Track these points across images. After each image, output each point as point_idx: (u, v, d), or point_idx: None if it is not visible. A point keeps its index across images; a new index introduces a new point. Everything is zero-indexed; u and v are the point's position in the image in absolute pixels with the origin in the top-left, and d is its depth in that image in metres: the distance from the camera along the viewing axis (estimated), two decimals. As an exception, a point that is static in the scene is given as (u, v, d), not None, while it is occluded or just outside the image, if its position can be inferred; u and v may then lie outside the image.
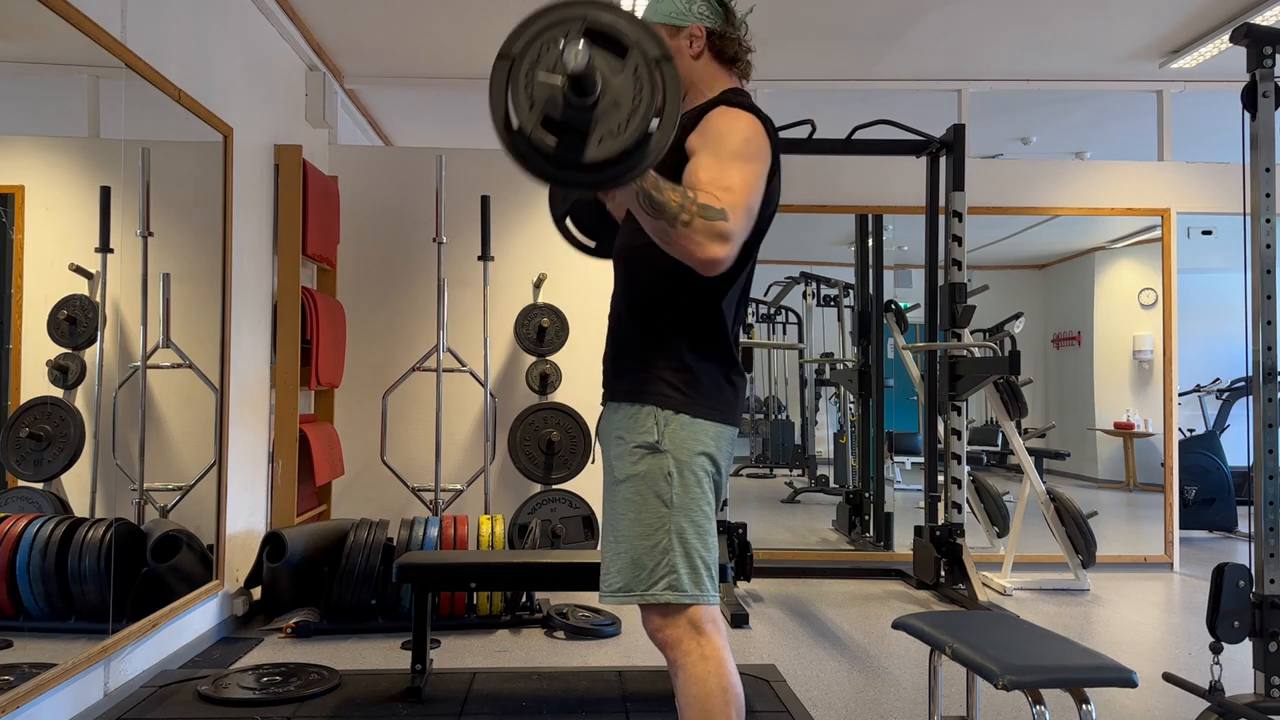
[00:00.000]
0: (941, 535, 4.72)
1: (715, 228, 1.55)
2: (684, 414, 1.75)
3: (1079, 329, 7.60)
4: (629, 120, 1.45)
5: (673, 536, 1.73)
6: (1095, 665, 2.00)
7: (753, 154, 1.69)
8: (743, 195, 1.62)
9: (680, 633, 1.74)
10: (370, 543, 3.89)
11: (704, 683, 1.70)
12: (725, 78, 1.89)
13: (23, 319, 2.68)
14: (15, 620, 2.77)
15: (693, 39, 1.87)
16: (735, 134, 1.70)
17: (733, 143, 1.69)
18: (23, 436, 2.72)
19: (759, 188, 1.68)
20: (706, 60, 1.88)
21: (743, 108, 1.75)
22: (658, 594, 1.74)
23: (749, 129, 1.72)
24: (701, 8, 1.88)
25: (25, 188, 2.71)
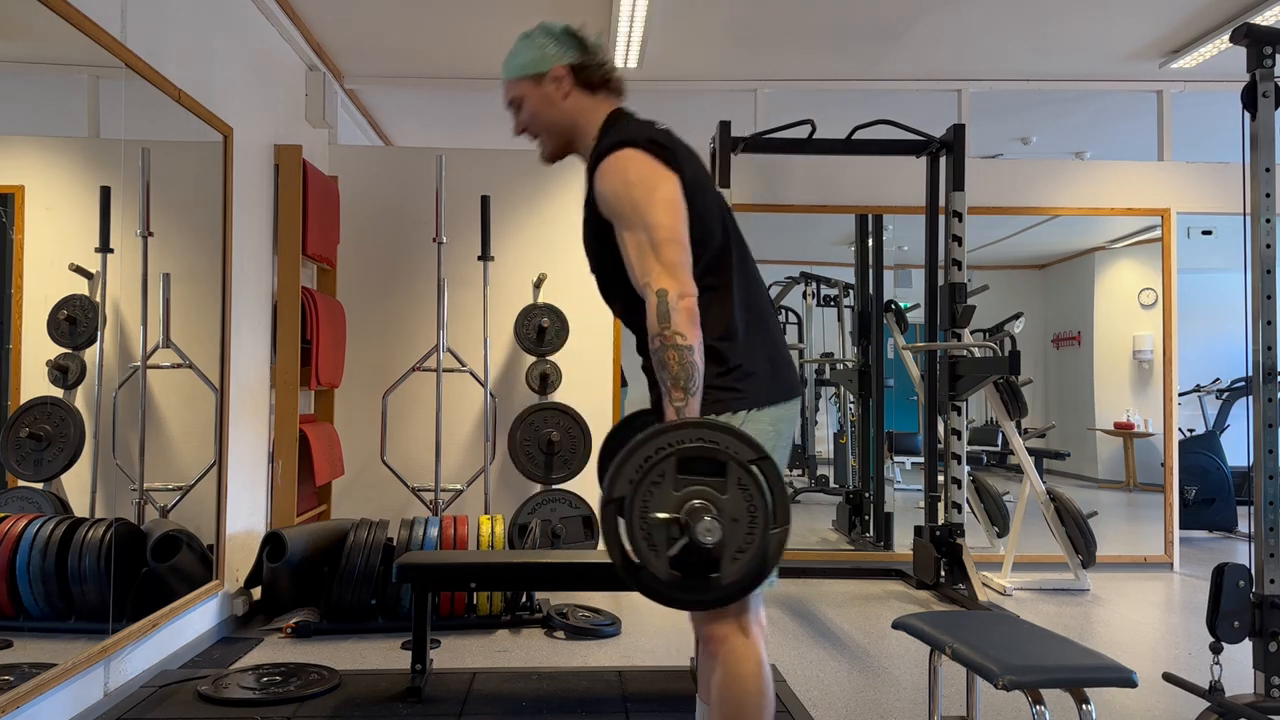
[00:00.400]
0: (941, 535, 4.72)
1: (679, 309, 1.63)
2: (740, 412, 1.77)
3: (1079, 329, 7.60)
4: (752, 532, 1.53)
5: None
6: (1095, 665, 2.00)
7: (651, 190, 1.71)
8: (671, 248, 1.66)
9: (728, 630, 1.75)
10: (370, 543, 3.89)
11: (745, 680, 1.73)
12: (600, 106, 1.91)
13: (23, 319, 2.68)
14: (15, 620, 2.77)
15: (558, 81, 1.89)
16: (628, 188, 1.72)
17: (632, 197, 1.71)
18: (23, 436, 2.72)
19: (672, 210, 1.71)
20: (577, 95, 1.90)
21: (617, 146, 1.76)
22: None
23: (634, 168, 1.73)
24: (555, 49, 1.90)
25: (25, 188, 2.72)
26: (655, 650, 3.72)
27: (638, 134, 1.80)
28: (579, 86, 1.90)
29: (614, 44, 4.96)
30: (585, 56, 1.91)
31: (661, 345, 1.64)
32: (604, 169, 1.77)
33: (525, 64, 1.92)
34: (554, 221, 5.40)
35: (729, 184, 4.78)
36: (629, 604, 4.40)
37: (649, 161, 1.74)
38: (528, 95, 1.92)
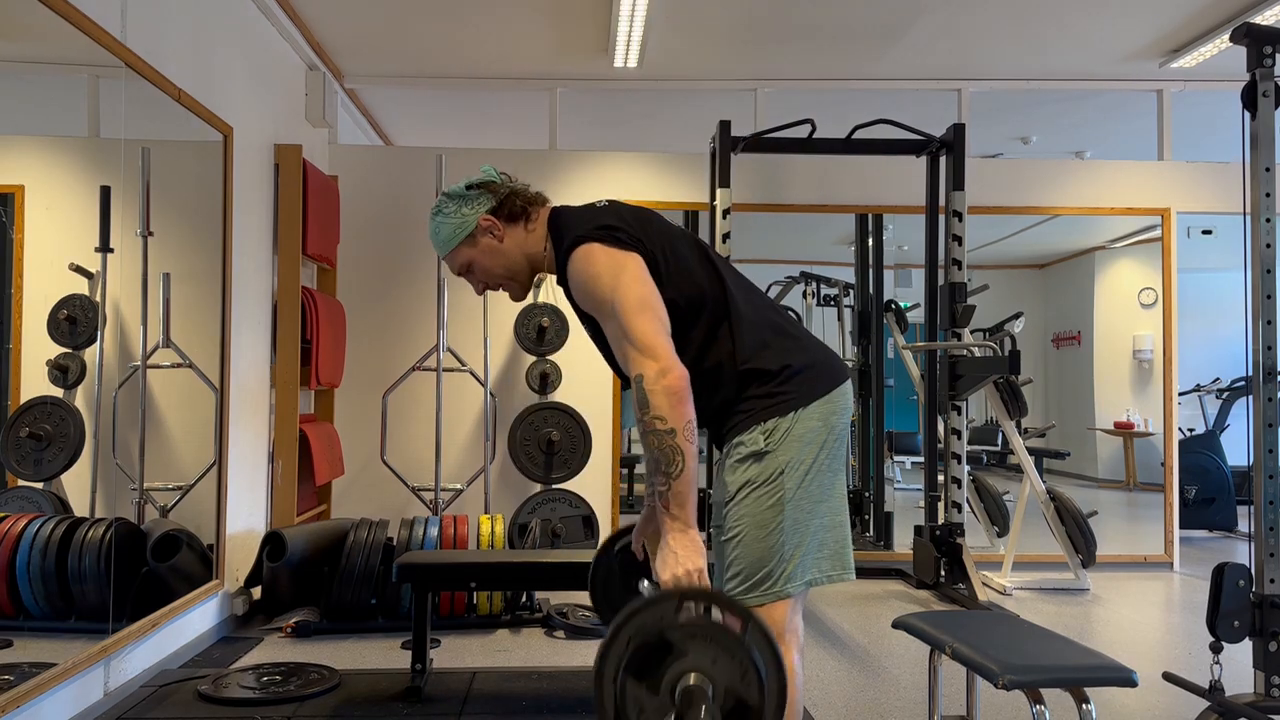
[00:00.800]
0: (941, 535, 4.72)
1: (657, 390, 1.65)
2: (788, 415, 1.81)
3: (1079, 329, 7.60)
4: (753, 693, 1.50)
5: (788, 532, 1.80)
6: (1095, 665, 2.00)
7: (615, 277, 1.75)
8: (642, 328, 1.69)
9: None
10: (370, 542, 3.89)
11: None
12: (535, 225, 1.94)
13: (23, 318, 2.68)
14: (15, 620, 2.77)
15: (491, 230, 1.92)
16: (593, 282, 1.76)
17: (599, 292, 1.76)
18: (23, 436, 2.72)
19: (644, 294, 1.74)
20: (511, 231, 1.93)
21: (572, 246, 1.80)
22: (778, 590, 1.80)
23: (592, 264, 1.77)
24: (469, 206, 1.92)
25: (25, 187, 2.72)
26: (655, 650, 3.71)
27: (585, 227, 1.83)
28: (507, 223, 1.93)
29: (614, 44, 4.96)
30: (496, 196, 1.93)
31: (643, 431, 1.67)
32: (570, 273, 1.81)
33: (451, 234, 1.94)
34: (554, 221, 5.39)
35: (729, 184, 4.77)
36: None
37: (603, 250, 1.77)
38: (472, 257, 1.95)
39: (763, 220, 5.62)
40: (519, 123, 6.52)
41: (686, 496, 1.68)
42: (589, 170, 5.45)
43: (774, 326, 1.90)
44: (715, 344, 1.84)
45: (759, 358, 1.85)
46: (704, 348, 1.84)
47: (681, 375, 1.67)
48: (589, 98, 5.90)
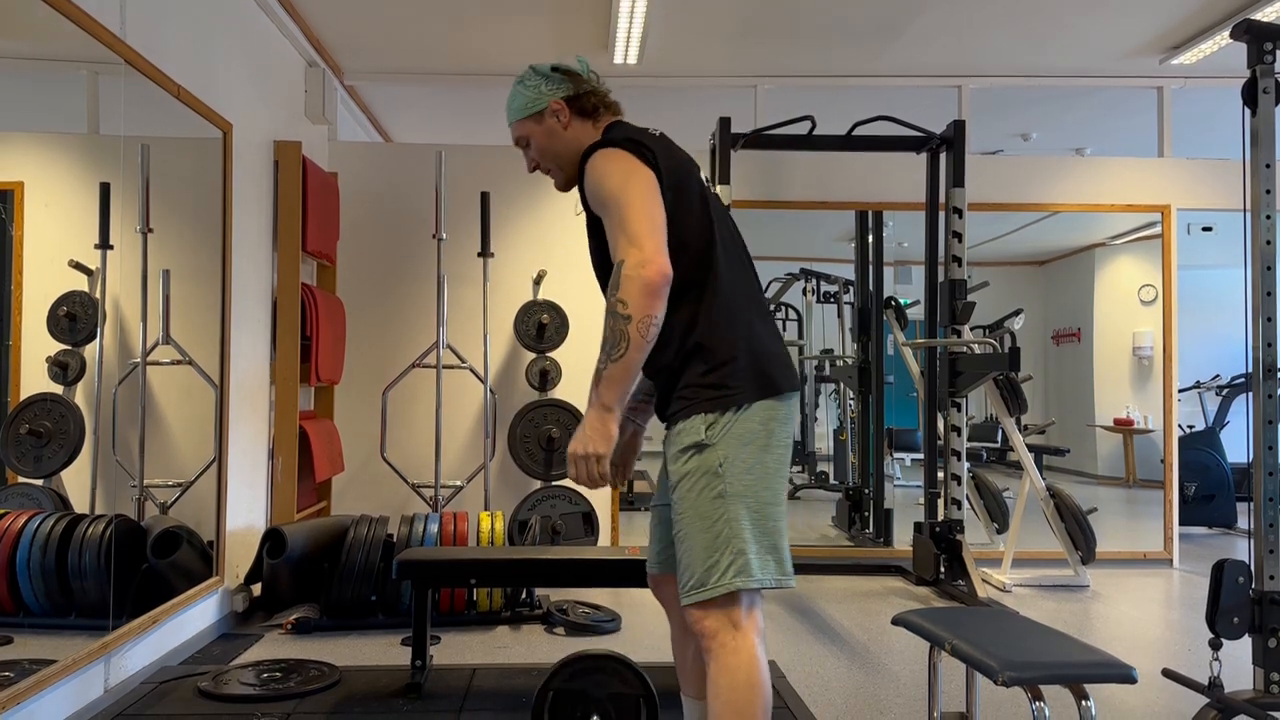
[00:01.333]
0: (941, 531, 4.73)
1: (631, 278, 1.71)
2: (730, 408, 1.82)
3: (1079, 325, 7.59)
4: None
5: (730, 525, 1.79)
6: (1095, 661, 2.01)
7: (625, 178, 1.81)
8: (637, 221, 1.76)
9: (718, 625, 1.79)
10: (370, 539, 3.89)
11: (736, 674, 1.76)
12: (596, 128, 2.04)
13: (22, 315, 2.68)
14: (15, 616, 2.77)
15: (557, 114, 2.02)
16: (604, 178, 1.83)
17: (608, 186, 1.82)
18: (23, 433, 2.72)
19: (648, 198, 1.80)
20: (577, 124, 2.03)
21: (599, 146, 1.89)
22: (728, 582, 1.78)
23: (610, 163, 1.84)
24: (550, 86, 2.03)
25: (25, 184, 2.71)
26: (655, 647, 3.72)
27: (618, 135, 1.92)
28: (576, 115, 2.03)
29: (614, 41, 4.95)
30: (576, 87, 2.03)
31: (607, 310, 1.74)
32: (587, 167, 1.88)
33: (524, 105, 2.04)
34: (554, 218, 5.40)
35: (729, 180, 4.77)
36: (629, 600, 4.40)
37: (624, 156, 1.85)
38: (533, 133, 2.04)
39: (763, 217, 5.62)
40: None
41: (617, 382, 1.73)
42: (589, 167, 5.44)
43: (747, 313, 1.90)
44: (680, 306, 1.85)
45: (714, 339, 1.85)
46: (676, 297, 1.83)
47: (661, 272, 1.72)
48: (589, 94, 5.89)
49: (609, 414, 1.74)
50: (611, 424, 1.75)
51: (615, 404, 1.74)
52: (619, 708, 2.38)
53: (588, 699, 2.36)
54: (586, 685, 2.37)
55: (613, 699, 2.38)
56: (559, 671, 2.42)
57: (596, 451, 1.73)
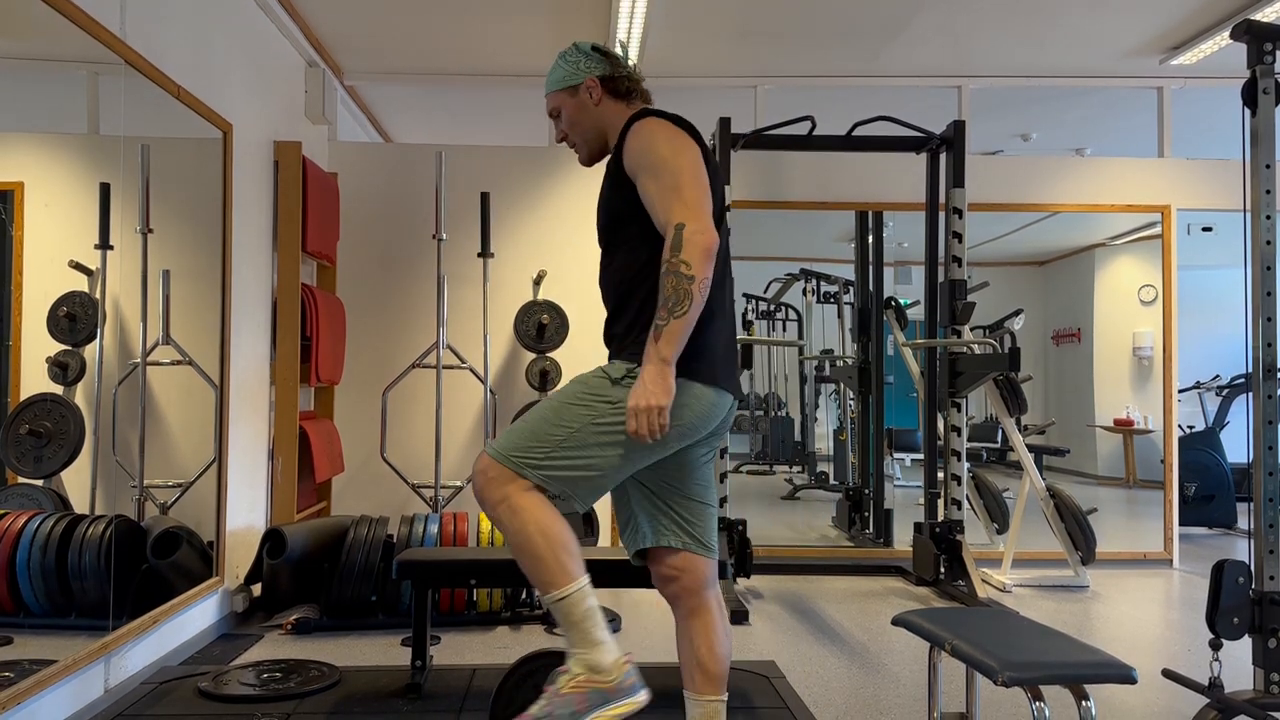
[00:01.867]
0: (941, 532, 4.72)
1: (694, 241, 1.80)
2: (680, 379, 1.87)
3: (1079, 325, 7.59)
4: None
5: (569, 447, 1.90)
6: (1095, 662, 2.01)
7: (678, 148, 1.92)
8: (692, 189, 1.87)
9: (508, 490, 1.91)
10: (370, 539, 3.89)
11: (523, 525, 1.90)
12: (628, 110, 2.12)
13: (22, 316, 2.68)
14: (15, 617, 2.77)
15: (590, 90, 2.12)
16: (656, 141, 1.93)
17: (660, 151, 1.91)
18: (23, 433, 2.72)
19: (698, 170, 1.91)
20: (608, 103, 2.13)
21: (645, 114, 2.00)
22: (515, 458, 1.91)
23: (663, 130, 1.94)
24: (587, 63, 2.13)
25: (25, 184, 2.71)
26: (655, 647, 3.72)
27: (675, 116, 2.01)
28: (609, 95, 2.12)
29: (613, 41, 4.95)
30: (613, 69, 2.13)
31: (666, 271, 1.81)
32: (635, 129, 1.96)
33: (561, 78, 2.14)
34: (554, 218, 5.40)
35: (729, 181, 4.77)
36: (629, 601, 4.40)
37: (673, 127, 1.96)
38: (565, 105, 2.14)
39: (763, 217, 5.62)
40: (519, 119, 6.52)
41: (677, 337, 1.80)
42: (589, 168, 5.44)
43: (718, 312, 1.99)
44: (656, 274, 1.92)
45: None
46: (655, 266, 1.91)
47: (715, 240, 1.83)
48: (589, 95, 5.89)
49: (668, 367, 1.81)
50: (670, 377, 1.81)
51: (672, 358, 1.81)
52: None
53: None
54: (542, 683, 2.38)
55: None
56: (515, 670, 2.43)
57: (659, 403, 1.79)
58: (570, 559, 1.87)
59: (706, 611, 2.09)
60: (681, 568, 2.09)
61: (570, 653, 1.84)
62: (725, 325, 2.02)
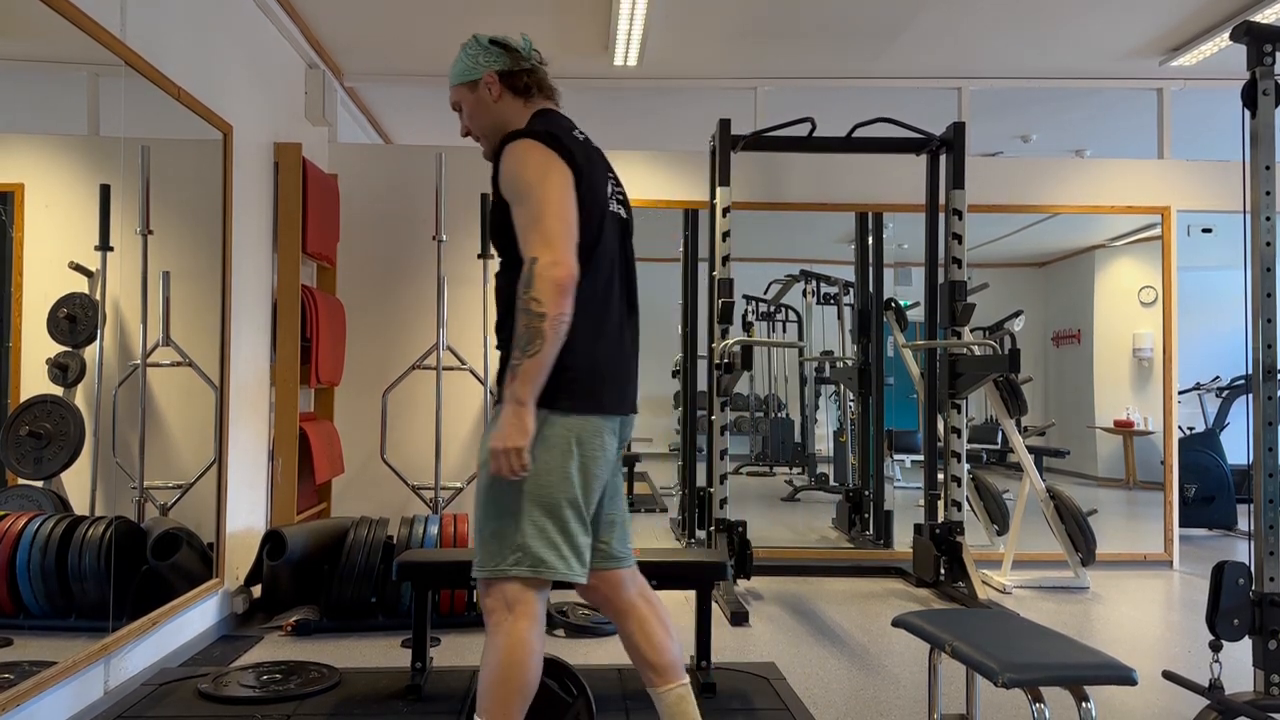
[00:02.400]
0: (941, 533, 4.72)
1: (545, 277, 1.80)
2: (555, 410, 1.91)
3: (1079, 327, 7.60)
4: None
5: (523, 519, 1.91)
6: (1095, 663, 2.01)
7: (544, 174, 1.89)
8: (553, 220, 1.85)
9: (496, 605, 1.93)
10: (370, 541, 3.89)
11: (500, 652, 1.90)
12: (530, 108, 2.10)
13: (22, 317, 2.68)
14: (15, 618, 2.77)
15: (489, 87, 2.08)
16: (524, 167, 1.90)
17: (525, 177, 1.89)
18: (23, 434, 2.72)
19: (561, 196, 1.88)
20: (507, 99, 2.09)
21: (520, 136, 1.94)
22: (507, 568, 1.91)
23: (532, 154, 1.91)
24: (486, 57, 2.09)
25: (25, 185, 2.71)
26: (655, 648, 3.72)
27: (540, 126, 1.98)
28: (508, 91, 2.09)
29: (614, 42, 4.96)
30: (512, 63, 2.07)
31: (519, 308, 1.82)
32: (507, 152, 1.93)
33: (461, 72, 2.10)
34: (554, 219, 5.39)
35: (729, 182, 4.77)
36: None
37: (544, 150, 1.91)
38: (465, 100, 2.12)
39: (763, 218, 5.62)
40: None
41: (531, 377, 1.82)
42: (589, 168, 5.44)
43: (600, 328, 1.97)
44: None
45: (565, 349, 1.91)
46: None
47: (570, 274, 1.82)
48: (589, 96, 5.90)
49: (523, 408, 1.83)
50: (528, 418, 1.83)
51: (529, 398, 1.83)
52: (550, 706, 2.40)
53: None
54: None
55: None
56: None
57: (517, 445, 1.82)
58: (520, 706, 1.90)
59: (634, 608, 2.13)
60: (596, 582, 2.14)
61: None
62: (609, 346, 1.99)
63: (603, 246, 1.99)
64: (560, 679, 2.44)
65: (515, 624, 1.90)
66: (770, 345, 7.84)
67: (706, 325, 5.15)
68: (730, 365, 4.51)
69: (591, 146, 2.05)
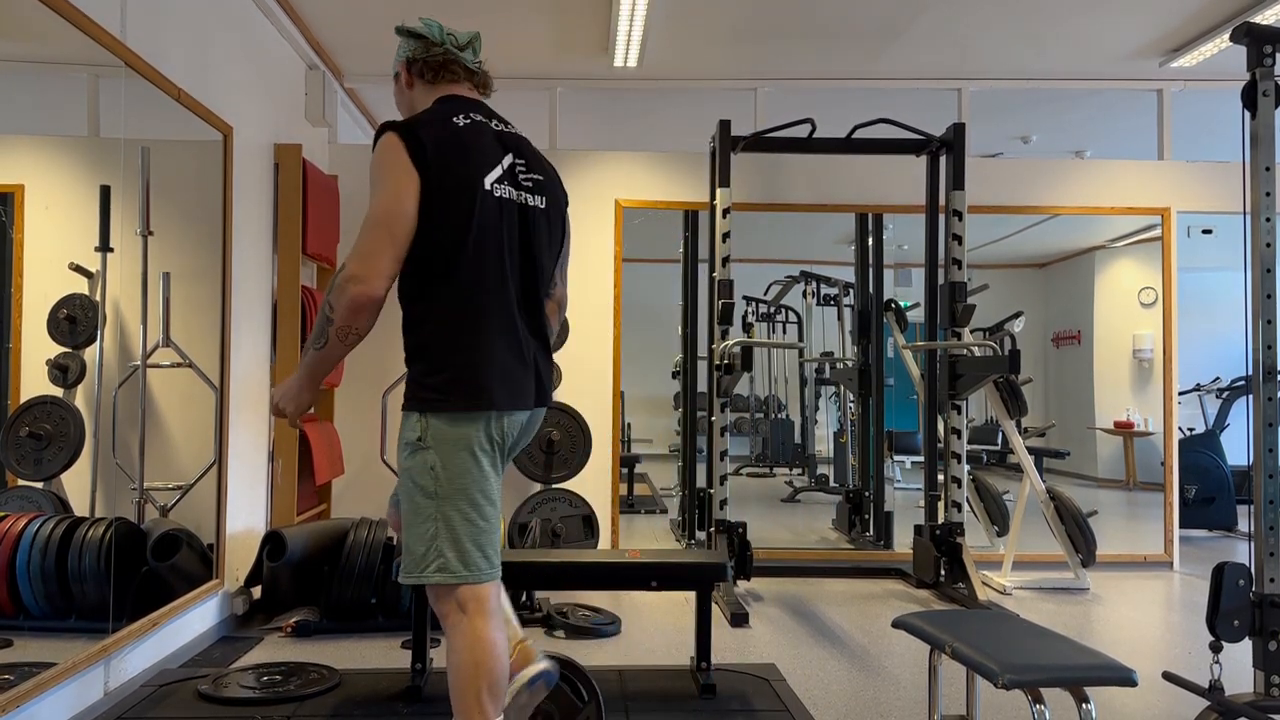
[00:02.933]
0: (941, 534, 4.72)
1: (345, 290, 1.86)
2: (444, 413, 1.94)
3: (1079, 328, 7.60)
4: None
5: (439, 524, 1.93)
6: (1095, 664, 2.01)
7: (384, 172, 1.88)
8: (372, 235, 1.86)
9: (448, 609, 1.95)
10: (370, 541, 3.89)
11: (459, 654, 1.92)
12: (432, 93, 2.11)
13: (23, 318, 2.68)
14: (15, 619, 2.77)
15: (398, 76, 2.15)
16: (373, 166, 1.91)
17: (372, 175, 1.91)
18: (23, 435, 2.72)
19: (393, 207, 1.86)
20: (418, 86, 2.12)
21: (384, 129, 1.92)
22: (429, 576, 1.94)
23: (380, 150, 1.90)
24: (403, 48, 2.13)
25: (25, 187, 2.71)
26: (655, 650, 3.72)
27: (408, 120, 1.98)
28: (416, 78, 2.11)
29: (614, 43, 4.96)
30: (421, 50, 2.08)
31: (322, 303, 1.93)
32: (374, 151, 1.94)
33: (392, 63, 2.15)
34: (554, 220, 5.39)
35: (729, 183, 4.77)
36: (629, 603, 4.40)
37: (396, 148, 1.88)
38: (393, 89, 2.18)
39: (763, 220, 5.62)
40: (518, 121, 6.48)
41: (316, 366, 1.99)
42: (589, 169, 5.44)
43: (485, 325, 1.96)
44: (418, 302, 2.00)
45: (439, 343, 1.97)
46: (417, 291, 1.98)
47: (370, 296, 1.86)
48: (589, 97, 5.90)
49: (306, 385, 2.03)
50: (306, 394, 2.03)
51: (310, 381, 2.02)
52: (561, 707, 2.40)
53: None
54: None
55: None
56: None
57: (288, 409, 2.04)
58: (491, 700, 1.91)
59: None
60: None
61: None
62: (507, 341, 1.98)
63: (478, 243, 1.94)
64: (574, 683, 2.43)
65: (469, 622, 1.91)
66: (770, 346, 7.84)
67: (706, 326, 5.15)
68: (730, 366, 4.51)
69: (481, 131, 1.99)
